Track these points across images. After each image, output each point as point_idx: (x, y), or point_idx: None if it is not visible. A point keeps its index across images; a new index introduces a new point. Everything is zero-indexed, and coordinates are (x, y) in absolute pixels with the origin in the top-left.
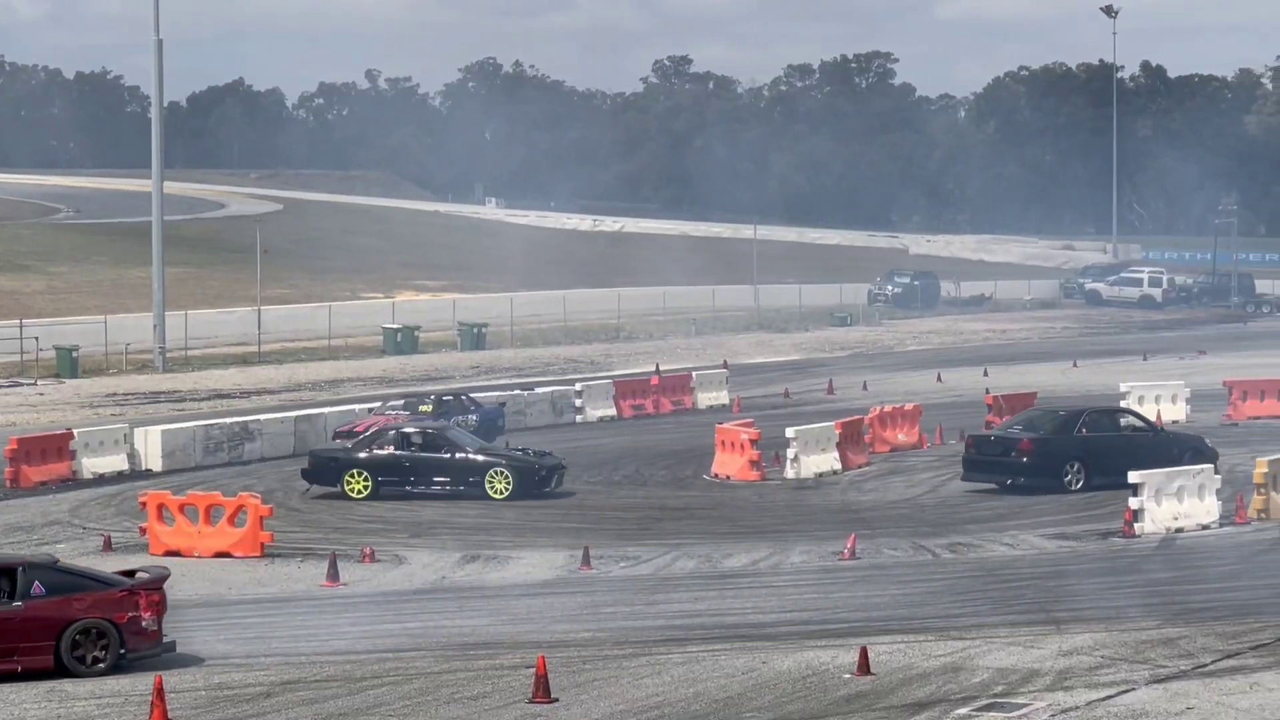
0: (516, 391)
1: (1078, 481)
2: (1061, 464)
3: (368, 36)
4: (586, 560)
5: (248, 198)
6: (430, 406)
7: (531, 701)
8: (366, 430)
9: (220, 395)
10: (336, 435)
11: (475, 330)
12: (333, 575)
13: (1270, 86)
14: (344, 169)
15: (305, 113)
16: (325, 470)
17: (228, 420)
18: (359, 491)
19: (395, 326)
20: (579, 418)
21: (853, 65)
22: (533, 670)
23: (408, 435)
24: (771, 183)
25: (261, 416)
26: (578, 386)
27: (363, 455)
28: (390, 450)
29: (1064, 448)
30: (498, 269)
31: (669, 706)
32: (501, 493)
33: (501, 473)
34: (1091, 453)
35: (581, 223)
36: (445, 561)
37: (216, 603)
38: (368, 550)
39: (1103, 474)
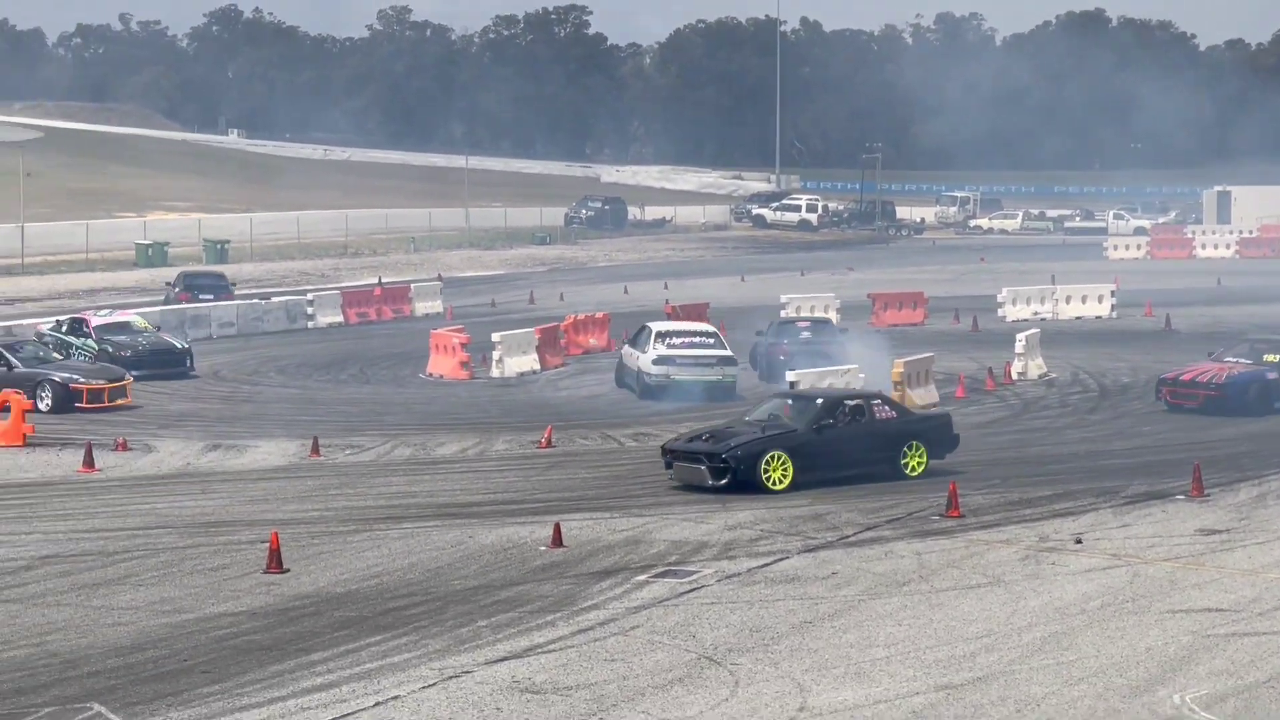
0: (255, 300)
1: None
2: None
3: None
4: (316, 449)
5: (14, 126)
6: None
7: (266, 572)
8: None
9: None
10: None
11: (219, 246)
12: (89, 462)
13: (910, 41)
14: (101, 102)
15: (64, 50)
16: None
17: None
18: None
19: (147, 242)
20: (310, 324)
21: (553, 17)
22: (267, 545)
23: None
24: (482, 119)
25: None
26: (309, 296)
27: None
28: None
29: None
30: (239, 192)
31: (387, 575)
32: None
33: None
34: None
35: (314, 152)
36: (191, 449)
37: None
38: (121, 440)
39: None
